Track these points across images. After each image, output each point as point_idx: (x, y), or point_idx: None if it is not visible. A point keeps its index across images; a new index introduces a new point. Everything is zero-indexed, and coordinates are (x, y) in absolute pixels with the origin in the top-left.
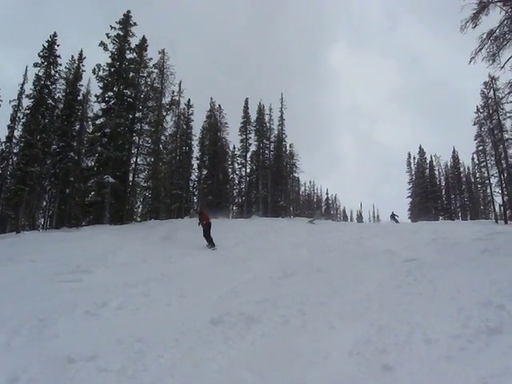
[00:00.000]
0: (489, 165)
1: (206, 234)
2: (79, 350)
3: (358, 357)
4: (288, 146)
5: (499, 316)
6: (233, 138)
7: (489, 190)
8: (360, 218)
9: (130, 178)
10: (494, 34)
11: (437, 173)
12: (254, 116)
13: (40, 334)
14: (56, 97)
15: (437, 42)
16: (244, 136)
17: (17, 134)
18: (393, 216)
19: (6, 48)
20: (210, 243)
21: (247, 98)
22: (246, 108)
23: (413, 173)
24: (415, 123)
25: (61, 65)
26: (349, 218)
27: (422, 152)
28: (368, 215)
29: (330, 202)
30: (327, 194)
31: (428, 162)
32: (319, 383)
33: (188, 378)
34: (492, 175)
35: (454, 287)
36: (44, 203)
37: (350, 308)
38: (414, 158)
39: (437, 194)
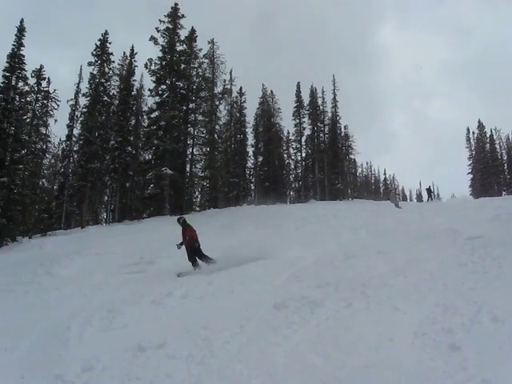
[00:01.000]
0: None
1: (195, 254)
2: (148, 338)
3: (424, 337)
4: (342, 127)
5: None
6: (286, 123)
7: None
8: (420, 197)
9: (188, 169)
10: None
11: (498, 147)
12: (306, 100)
13: (110, 324)
14: (111, 93)
15: (488, 11)
16: (298, 120)
17: (76, 132)
18: (429, 191)
19: (58, 50)
20: (206, 259)
21: (299, 82)
22: (298, 92)
23: (472, 148)
24: (471, 97)
25: (114, 62)
26: (408, 197)
27: (481, 126)
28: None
29: (389, 182)
30: (385, 174)
31: (488, 136)
32: (386, 365)
33: (255, 363)
34: None
35: None
36: (105, 198)
37: (414, 289)
38: (473, 133)
39: (499, 168)
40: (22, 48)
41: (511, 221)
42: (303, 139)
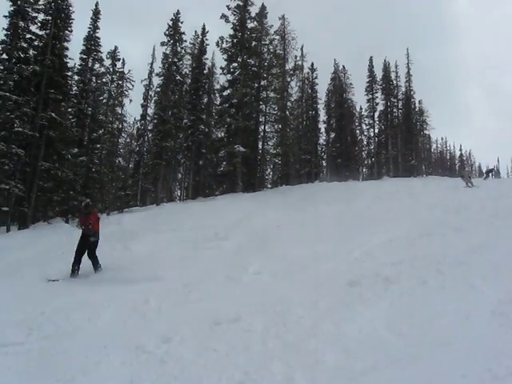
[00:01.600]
0: None
1: (84, 251)
2: (223, 312)
3: (502, 316)
4: (417, 102)
5: None
6: (359, 98)
7: None
8: (497, 173)
9: (260, 146)
10: None
11: None
12: (379, 74)
13: (186, 298)
14: (183, 72)
15: None
16: (370, 96)
17: (150, 111)
18: (489, 171)
19: (129, 32)
20: (95, 264)
21: (371, 57)
22: (370, 67)
23: None
24: None
25: (186, 41)
26: (484, 174)
27: None
28: (506, 170)
29: (465, 158)
30: (460, 150)
31: None
32: (461, 343)
33: (329, 338)
34: None
35: None
36: (179, 176)
37: (491, 267)
38: None
39: None
40: (97, 31)
41: None
42: (376, 115)
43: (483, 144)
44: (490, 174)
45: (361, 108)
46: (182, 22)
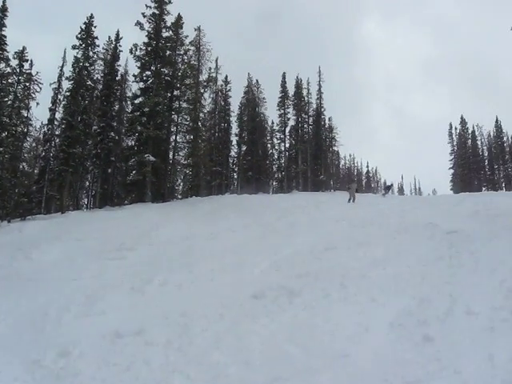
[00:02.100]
0: None
1: None
2: (126, 325)
3: (399, 328)
4: (327, 119)
5: None
6: (271, 113)
7: None
8: (401, 190)
9: (170, 156)
10: None
11: (479, 143)
12: (291, 90)
13: (88, 310)
14: (95, 78)
15: (474, 9)
16: (282, 111)
17: (58, 116)
18: (388, 187)
19: (40, 34)
20: None
21: (284, 73)
22: (283, 82)
23: (454, 143)
24: (453, 94)
25: (98, 46)
26: (383, 190)
27: (463, 122)
28: (410, 187)
29: (371, 175)
30: (367, 167)
31: (470, 132)
32: (361, 355)
33: (232, 351)
34: None
35: (496, 259)
36: (87, 183)
37: (392, 281)
38: (456, 129)
39: (480, 164)
40: (3, 28)
41: (490, 216)
42: (287, 130)
43: (388, 161)
44: (390, 191)
45: (273, 122)
46: (95, 27)
